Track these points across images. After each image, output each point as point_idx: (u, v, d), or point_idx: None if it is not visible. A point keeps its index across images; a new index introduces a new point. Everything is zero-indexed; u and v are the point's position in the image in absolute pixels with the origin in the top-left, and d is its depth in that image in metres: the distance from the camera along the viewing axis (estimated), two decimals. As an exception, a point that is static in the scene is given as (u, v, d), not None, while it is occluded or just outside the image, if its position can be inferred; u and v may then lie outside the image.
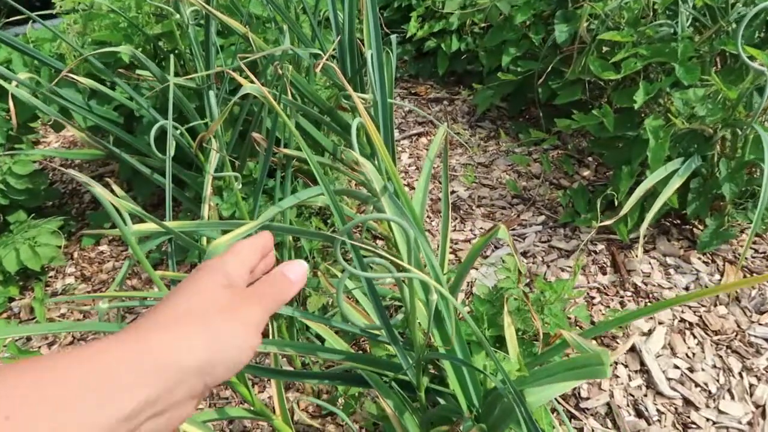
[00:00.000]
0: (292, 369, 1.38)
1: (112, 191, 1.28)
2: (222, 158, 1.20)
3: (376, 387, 1.04)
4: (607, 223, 1.25)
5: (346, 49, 1.25)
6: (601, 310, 1.46)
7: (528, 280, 1.55)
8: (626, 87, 1.72)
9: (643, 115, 1.63)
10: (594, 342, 1.35)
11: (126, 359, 0.28)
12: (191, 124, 1.36)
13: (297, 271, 0.39)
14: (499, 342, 1.30)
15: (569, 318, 1.43)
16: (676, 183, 1.32)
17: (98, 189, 0.90)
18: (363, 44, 1.27)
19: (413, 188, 2.01)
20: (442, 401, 1.07)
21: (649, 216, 1.34)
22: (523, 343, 1.25)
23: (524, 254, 1.66)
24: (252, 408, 1.20)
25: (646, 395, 1.25)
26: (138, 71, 1.57)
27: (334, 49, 1.09)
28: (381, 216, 0.59)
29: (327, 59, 1.14)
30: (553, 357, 0.81)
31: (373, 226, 1.44)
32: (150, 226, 0.99)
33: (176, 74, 1.57)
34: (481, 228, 1.79)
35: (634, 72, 1.58)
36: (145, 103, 1.39)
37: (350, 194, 1.11)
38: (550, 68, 1.97)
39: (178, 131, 1.36)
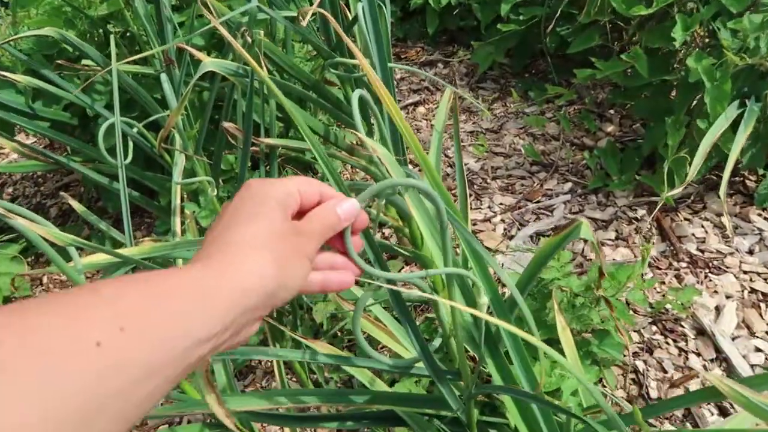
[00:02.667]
0: (309, 412, 1.18)
1: (68, 208, 1.05)
2: (190, 158, 0.98)
3: (414, 425, 0.83)
4: (677, 191, 1.03)
5: (326, 6, 1.01)
6: (656, 288, 1.25)
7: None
8: (656, 24, 1.49)
9: (679, 55, 1.40)
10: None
11: (220, 285, 0.31)
12: (151, 118, 1.12)
13: (347, 209, 0.40)
14: (549, 344, 1.10)
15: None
16: (742, 133, 1.10)
17: (20, 220, 0.67)
18: (346, 6, 1.04)
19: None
20: (495, 433, 0.87)
21: (726, 175, 1.10)
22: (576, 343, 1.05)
23: (555, 230, 1.45)
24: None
25: (728, 388, 1.05)
26: (84, 62, 1.33)
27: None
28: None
29: (307, 22, 0.90)
30: (677, 407, 0.59)
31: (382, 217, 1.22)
32: (102, 258, 0.77)
33: (131, 62, 1.32)
34: (501, 204, 1.57)
35: (666, 5, 1.34)
36: (89, 99, 1.15)
37: (356, 188, 0.89)
38: (558, 13, 1.73)
39: (135, 129, 1.12)
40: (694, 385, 1.06)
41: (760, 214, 1.35)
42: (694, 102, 1.31)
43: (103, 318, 0.26)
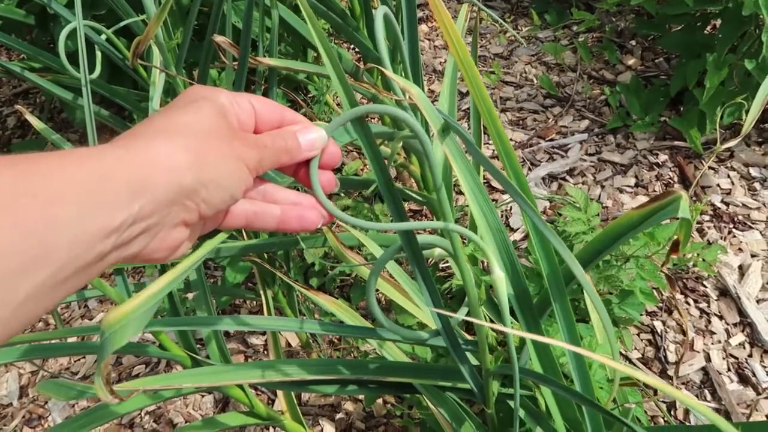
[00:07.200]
0: (303, 376, 1.09)
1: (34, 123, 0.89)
2: (171, 79, 0.82)
3: (425, 392, 0.75)
4: (732, 143, 0.92)
5: None
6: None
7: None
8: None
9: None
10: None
11: (119, 169, 0.26)
12: (123, 23, 0.94)
13: (311, 138, 0.34)
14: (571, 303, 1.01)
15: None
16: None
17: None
18: None
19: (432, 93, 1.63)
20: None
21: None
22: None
23: (570, 173, 1.34)
24: (252, 410, 0.92)
25: (751, 355, 0.99)
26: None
27: None
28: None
29: None
30: None
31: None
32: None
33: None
34: (511, 140, 1.44)
35: None
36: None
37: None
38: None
39: (103, 36, 0.95)
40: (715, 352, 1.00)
41: (790, 167, 1.26)
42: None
43: None
